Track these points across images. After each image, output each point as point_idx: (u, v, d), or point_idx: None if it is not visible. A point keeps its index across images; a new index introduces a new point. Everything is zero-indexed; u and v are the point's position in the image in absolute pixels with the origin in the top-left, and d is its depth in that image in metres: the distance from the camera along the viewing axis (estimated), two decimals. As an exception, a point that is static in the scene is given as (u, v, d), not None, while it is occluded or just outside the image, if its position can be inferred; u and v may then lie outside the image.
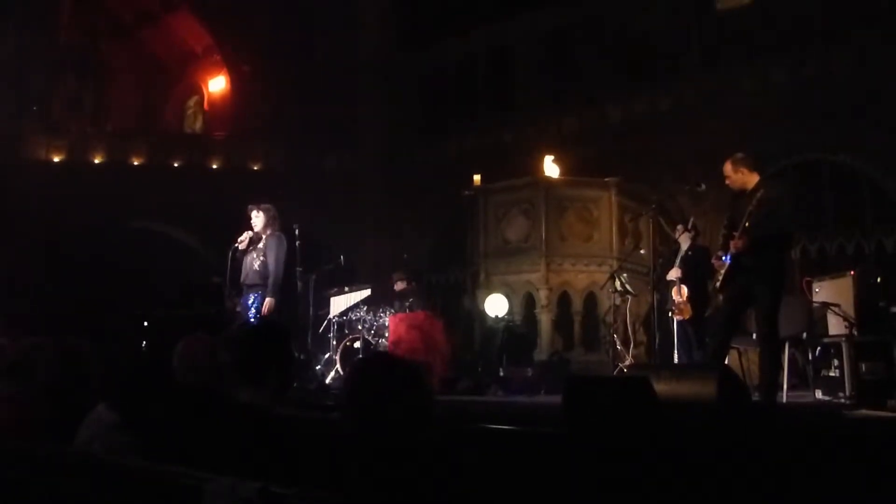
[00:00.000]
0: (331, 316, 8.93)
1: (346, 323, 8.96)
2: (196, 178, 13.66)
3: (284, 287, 6.74)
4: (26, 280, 11.77)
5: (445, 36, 13.57)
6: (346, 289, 9.15)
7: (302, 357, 8.07)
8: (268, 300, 6.34)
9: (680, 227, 7.23)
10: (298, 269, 7.83)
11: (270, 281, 6.42)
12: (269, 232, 6.57)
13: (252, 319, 6.30)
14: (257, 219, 6.60)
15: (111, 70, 16.76)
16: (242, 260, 6.58)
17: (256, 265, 6.47)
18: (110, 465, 1.94)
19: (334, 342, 8.76)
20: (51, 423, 2.59)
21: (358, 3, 14.37)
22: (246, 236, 6.56)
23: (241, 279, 6.56)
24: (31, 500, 1.98)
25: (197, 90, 17.36)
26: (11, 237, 12.08)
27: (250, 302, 6.44)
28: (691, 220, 7.27)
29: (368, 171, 14.02)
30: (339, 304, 9.03)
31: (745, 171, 5.18)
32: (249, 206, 6.71)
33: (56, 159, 13.60)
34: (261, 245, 6.56)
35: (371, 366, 2.02)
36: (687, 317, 6.81)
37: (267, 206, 6.69)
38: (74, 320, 10.79)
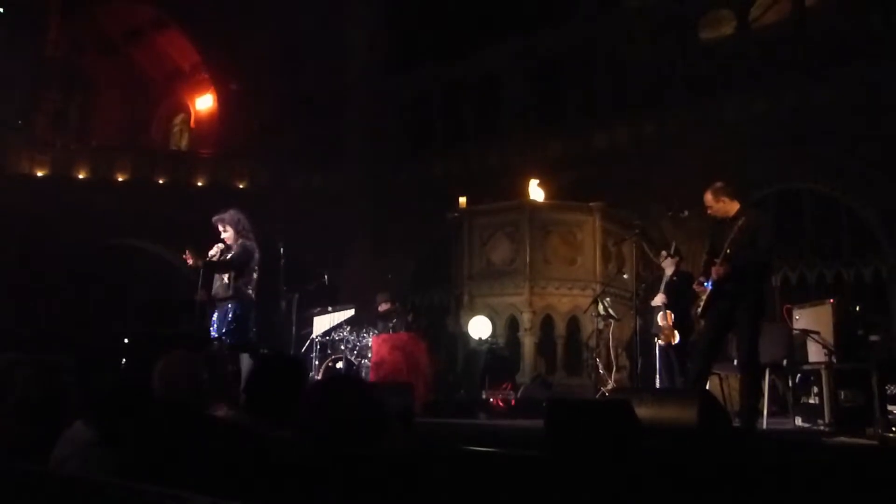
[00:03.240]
0: (314, 336, 8.87)
1: (328, 343, 8.91)
2: (181, 196, 13.59)
3: (266, 304, 6.54)
4: (5, 295, 11.61)
5: (433, 60, 13.69)
6: (330, 308, 9.10)
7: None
8: (196, 262, 6.09)
9: (664, 252, 7.28)
10: (283, 287, 7.76)
11: (240, 291, 6.19)
12: (240, 241, 6.39)
13: (219, 334, 6.14)
14: (226, 232, 6.41)
15: (97, 85, 16.72)
16: (212, 274, 6.39)
17: (225, 278, 6.28)
18: (86, 484, 1.92)
19: (317, 362, 8.70)
20: (27, 440, 2.55)
21: (347, 25, 14.47)
22: (217, 249, 6.37)
23: (213, 293, 6.35)
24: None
25: (184, 108, 17.34)
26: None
27: (216, 316, 6.26)
28: (673, 245, 7.32)
29: (354, 191, 14.03)
30: (322, 323, 8.98)
31: (726, 199, 5.25)
32: (215, 220, 6.46)
33: (39, 174, 13.49)
34: (231, 254, 6.37)
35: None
36: (674, 342, 6.84)
37: (231, 214, 6.42)
38: (54, 336, 10.67)
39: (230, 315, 6.15)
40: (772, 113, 10.37)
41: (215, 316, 6.26)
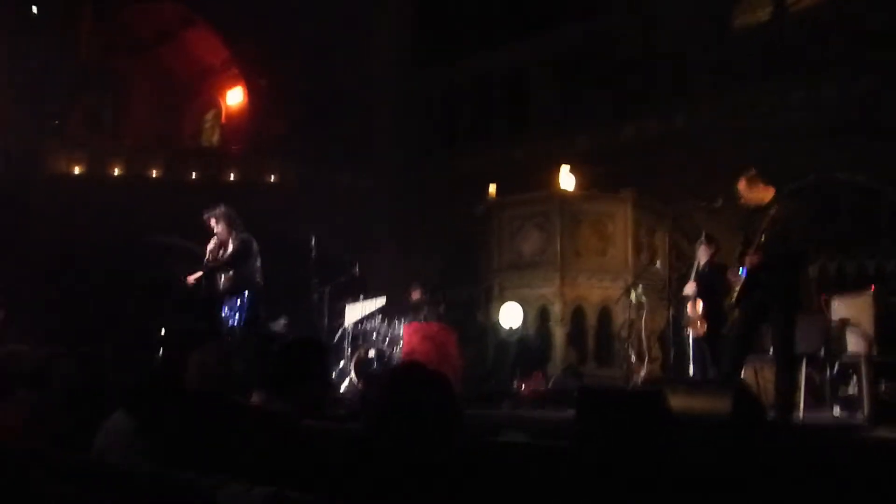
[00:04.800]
0: (345, 325, 8.95)
1: (360, 333, 8.99)
2: (213, 192, 13.76)
3: (298, 296, 6.67)
4: (45, 291, 11.89)
5: (460, 54, 13.65)
6: (361, 297, 9.17)
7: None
8: (198, 273, 6.26)
9: (699, 241, 7.18)
10: (315, 280, 7.84)
11: (253, 283, 6.30)
12: (234, 234, 6.48)
13: (236, 324, 6.27)
14: (218, 227, 6.52)
15: (129, 85, 16.98)
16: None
17: (231, 271, 6.39)
18: (126, 472, 1.96)
19: (348, 352, 8.78)
20: (69, 429, 2.62)
21: (374, 20, 14.50)
22: (213, 243, 6.48)
23: (220, 287, 6.47)
24: (48, 504, 2.00)
25: (214, 104, 17.54)
26: (31, 249, 12.23)
27: (231, 308, 6.38)
28: (703, 233, 7.22)
29: (383, 186, 14.09)
30: (353, 313, 9.05)
31: (760, 187, 5.17)
32: (205, 216, 6.60)
33: (75, 171, 13.77)
34: (231, 249, 6.46)
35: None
36: (702, 333, 6.76)
37: (220, 210, 6.55)
38: (92, 330, 10.91)
39: (245, 304, 6.28)
40: (810, 102, 10.13)
41: (226, 309, 6.39)
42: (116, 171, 13.91)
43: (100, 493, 1.85)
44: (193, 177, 14.20)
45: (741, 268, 5.08)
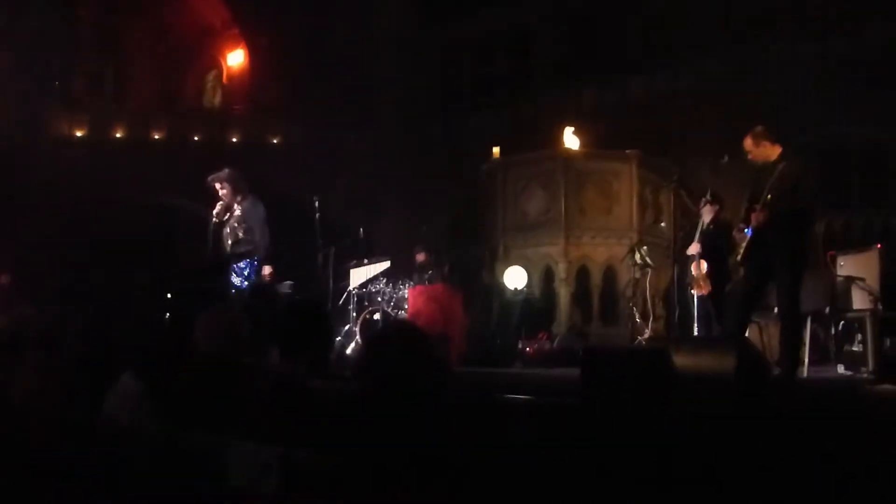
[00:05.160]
0: (350, 288, 8.98)
1: (365, 295, 9.02)
2: (216, 153, 13.71)
3: (303, 258, 6.67)
4: (51, 254, 11.94)
5: (463, 12, 13.42)
6: (366, 260, 9.18)
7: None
8: (267, 268, 6.29)
9: (704, 199, 7.13)
10: (319, 242, 7.84)
11: (261, 247, 6.33)
12: (239, 198, 6.48)
13: (245, 286, 6.32)
14: (224, 190, 6.50)
15: (130, 46, 16.78)
16: (221, 232, 6.53)
17: (240, 233, 6.40)
18: (135, 433, 1.99)
19: (354, 314, 8.83)
20: (78, 391, 2.65)
21: (375, -22, 14.25)
22: (219, 206, 6.48)
23: (228, 251, 6.49)
24: (59, 465, 2.03)
25: (215, 64, 17.33)
26: (36, 212, 12.25)
27: (241, 270, 6.41)
28: (708, 191, 7.16)
29: (386, 146, 14.00)
30: (358, 276, 9.08)
31: (767, 143, 5.11)
32: (210, 180, 6.55)
33: (78, 134, 13.72)
34: (238, 212, 6.43)
35: (388, 338, 2.05)
36: (706, 292, 6.76)
37: (226, 172, 6.51)
38: (98, 293, 10.98)
39: (253, 268, 6.34)
40: (818, 57, 9.97)
41: (241, 268, 6.41)
42: (119, 134, 13.85)
43: (110, 454, 1.88)
44: (196, 139, 14.13)
45: (747, 227, 5.05)
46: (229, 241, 6.44)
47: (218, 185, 6.49)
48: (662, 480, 2.49)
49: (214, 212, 6.47)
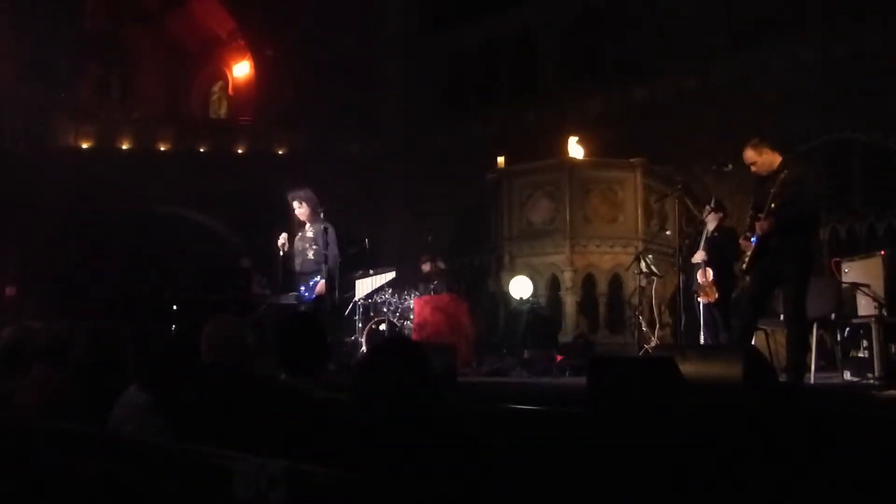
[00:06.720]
0: (356, 298, 8.99)
1: (371, 306, 9.02)
2: (222, 164, 13.77)
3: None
4: (56, 265, 11.98)
5: (468, 19, 13.46)
6: (371, 272, 9.19)
7: (329, 340, 8.16)
8: (321, 282, 6.43)
9: (708, 207, 7.13)
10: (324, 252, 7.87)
11: (329, 266, 6.49)
12: (315, 220, 6.59)
13: (307, 298, 6.48)
14: (300, 209, 6.62)
15: (137, 56, 16.89)
16: (291, 250, 6.63)
17: (310, 254, 6.56)
18: (142, 445, 1.99)
19: (360, 325, 8.82)
20: (85, 403, 2.65)
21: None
22: (283, 238, 6.60)
23: (297, 269, 6.60)
24: (66, 479, 2.04)
25: (221, 75, 17.44)
26: (41, 222, 12.30)
27: (309, 287, 6.55)
28: (713, 198, 7.15)
29: (392, 154, 14.02)
30: (364, 286, 9.08)
31: (768, 152, 5.12)
32: (290, 196, 6.66)
33: (84, 145, 13.78)
34: (310, 234, 6.59)
35: (382, 352, 2.08)
36: (712, 299, 6.74)
37: (308, 194, 6.68)
38: (104, 304, 11.01)
39: (316, 284, 6.50)
40: (821, 62, 9.95)
41: (302, 288, 6.55)
42: (125, 145, 13.90)
43: (116, 466, 1.88)
44: (202, 149, 14.18)
45: (752, 235, 5.05)
46: (298, 260, 6.55)
47: (297, 204, 6.60)
48: (670, 489, 2.48)
49: (280, 242, 6.58)
